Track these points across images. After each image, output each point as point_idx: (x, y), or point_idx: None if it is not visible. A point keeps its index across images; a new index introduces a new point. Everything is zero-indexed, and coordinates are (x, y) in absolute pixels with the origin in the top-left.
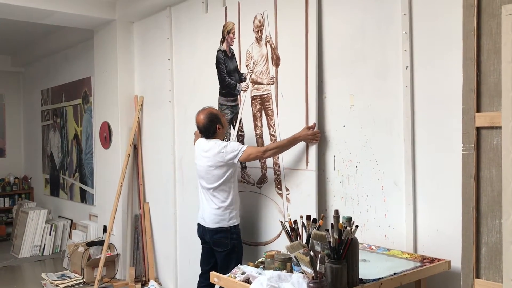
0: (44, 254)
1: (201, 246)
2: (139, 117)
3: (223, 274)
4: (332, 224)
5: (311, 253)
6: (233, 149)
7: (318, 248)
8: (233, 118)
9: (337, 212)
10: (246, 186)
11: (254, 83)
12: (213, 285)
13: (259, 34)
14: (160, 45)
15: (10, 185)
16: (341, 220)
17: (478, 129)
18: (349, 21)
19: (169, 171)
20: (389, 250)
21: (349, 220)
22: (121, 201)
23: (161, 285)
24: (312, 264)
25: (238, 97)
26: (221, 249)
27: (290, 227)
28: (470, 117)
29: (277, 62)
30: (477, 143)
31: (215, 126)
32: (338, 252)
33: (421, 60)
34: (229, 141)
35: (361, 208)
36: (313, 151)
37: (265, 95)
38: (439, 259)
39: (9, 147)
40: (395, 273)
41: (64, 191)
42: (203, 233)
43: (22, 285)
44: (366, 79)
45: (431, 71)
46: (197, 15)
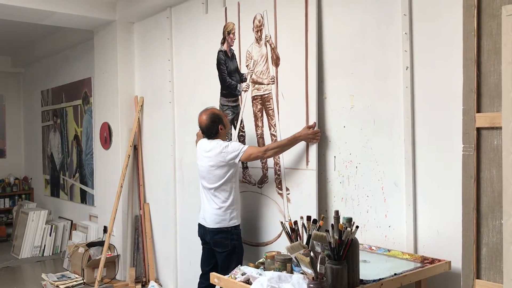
0: (44, 254)
1: (201, 246)
2: (139, 118)
3: (224, 274)
4: (332, 224)
5: (312, 254)
6: (234, 149)
7: (318, 248)
8: (234, 118)
9: (337, 212)
10: (247, 186)
11: (254, 83)
12: (213, 286)
13: (259, 34)
14: (160, 45)
15: (10, 186)
16: (341, 220)
17: (478, 129)
18: (349, 22)
19: (169, 171)
20: (389, 250)
21: (349, 220)
22: (121, 202)
23: (161, 286)
24: (312, 264)
25: (239, 97)
26: (222, 250)
27: (290, 227)
28: (470, 118)
29: (277, 61)
30: (477, 144)
31: (217, 126)
32: (338, 252)
33: (421, 60)
34: (230, 141)
35: (361, 208)
36: (313, 150)
37: (266, 95)
38: (440, 260)
39: (9, 147)
40: (395, 274)
41: (64, 191)
42: (203, 233)
43: (22, 286)
44: (366, 79)
45: (431, 72)
46: (197, 15)
